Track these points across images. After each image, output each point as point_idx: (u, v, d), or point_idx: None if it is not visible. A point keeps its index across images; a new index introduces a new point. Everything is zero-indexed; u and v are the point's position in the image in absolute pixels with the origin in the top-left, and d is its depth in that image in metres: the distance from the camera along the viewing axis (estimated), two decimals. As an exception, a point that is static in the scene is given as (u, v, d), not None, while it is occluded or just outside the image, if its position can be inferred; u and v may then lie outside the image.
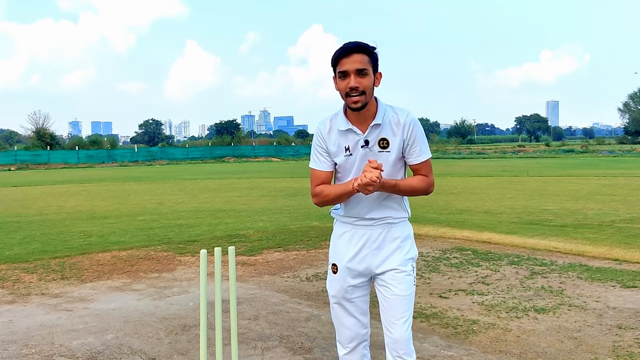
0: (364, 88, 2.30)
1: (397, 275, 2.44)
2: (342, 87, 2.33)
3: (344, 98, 2.36)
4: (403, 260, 2.46)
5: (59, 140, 64.40)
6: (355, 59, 2.29)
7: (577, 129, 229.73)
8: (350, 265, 2.49)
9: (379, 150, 2.40)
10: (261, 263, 6.67)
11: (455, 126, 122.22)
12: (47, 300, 5.20)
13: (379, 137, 2.39)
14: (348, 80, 2.30)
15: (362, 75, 2.30)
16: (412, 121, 2.40)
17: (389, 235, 2.47)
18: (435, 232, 8.55)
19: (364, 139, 2.38)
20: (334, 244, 2.60)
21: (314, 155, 2.51)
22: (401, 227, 2.50)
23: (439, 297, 5.05)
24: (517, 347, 3.80)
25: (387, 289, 2.45)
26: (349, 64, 2.30)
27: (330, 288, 2.58)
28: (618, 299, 4.86)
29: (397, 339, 2.42)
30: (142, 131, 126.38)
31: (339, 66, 2.33)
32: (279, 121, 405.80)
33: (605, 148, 59.35)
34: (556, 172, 25.00)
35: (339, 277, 2.53)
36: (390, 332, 2.44)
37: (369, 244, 2.47)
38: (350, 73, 2.30)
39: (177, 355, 3.79)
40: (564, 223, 9.33)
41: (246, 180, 23.60)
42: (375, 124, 2.37)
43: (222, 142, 67.64)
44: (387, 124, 2.39)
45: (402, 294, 2.43)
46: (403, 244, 2.49)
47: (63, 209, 13.27)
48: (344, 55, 2.31)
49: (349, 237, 2.51)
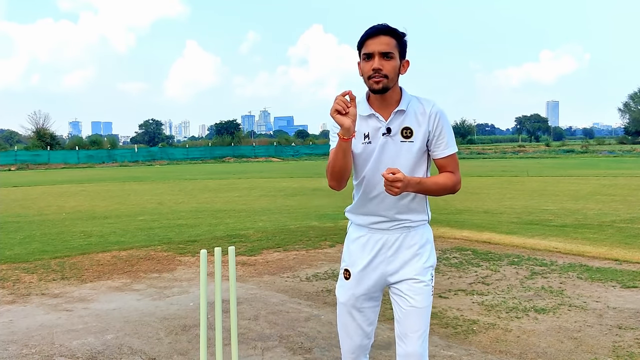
0: (387, 72, 2.17)
1: (415, 286, 2.30)
2: (366, 70, 2.20)
3: (366, 81, 2.22)
4: (422, 269, 2.31)
5: (59, 141, 64.39)
6: (382, 40, 2.17)
7: (577, 129, 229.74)
8: (365, 272, 2.35)
9: (401, 140, 2.24)
10: (261, 263, 6.67)
11: (455, 126, 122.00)
12: (47, 300, 5.20)
13: (402, 125, 2.24)
14: (372, 62, 2.17)
15: (387, 59, 2.17)
16: (440, 112, 2.26)
17: (407, 241, 2.32)
18: (435, 232, 8.45)
19: (386, 126, 2.23)
20: (347, 248, 2.44)
21: (331, 136, 2.29)
22: (420, 232, 2.35)
23: (438, 297, 5.05)
24: (517, 347, 3.80)
25: (404, 300, 2.31)
26: (375, 45, 2.17)
27: (341, 295, 2.43)
28: (618, 299, 4.86)
29: (411, 354, 2.29)
30: (142, 131, 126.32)
31: (364, 48, 2.20)
32: (279, 121, 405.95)
33: (605, 148, 59.35)
34: (556, 172, 24.99)
35: (352, 284, 2.38)
36: (404, 344, 2.31)
37: (385, 250, 2.32)
38: (375, 55, 2.17)
39: (177, 355, 3.79)
40: (564, 223, 9.33)
41: (246, 180, 23.60)
42: (399, 110, 2.23)
43: (222, 142, 67.60)
44: (412, 112, 2.25)
45: (419, 305, 2.29)
46: (422, 250, 2.33)
47: (63, 209, 13.26)
48: (371, 36, 2.18)
49: (364, 242, 2.36)
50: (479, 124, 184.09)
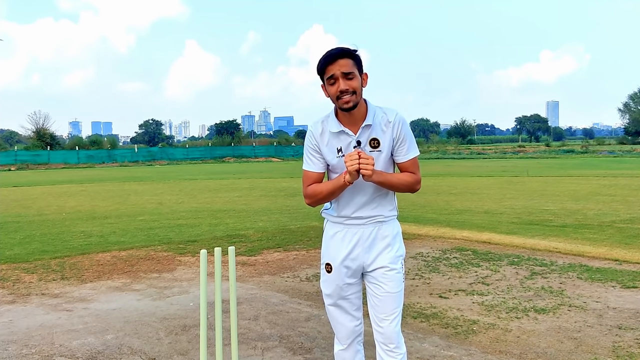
0: (354, 89, 2.38)
1: (388, 274, 2.52)
2: (333, 92, 2.41)
3: (335, 102, 2.44)
4: (393, 258, 2.54)
5: (59, 141, 64.44)
6: (341, 63, 2.37)
7: (577, 129, 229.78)
8: (345, 264, 2.58)
9: (370, 150, 2.47)
10: (261, 263, 6.67)
11: (455, 126, 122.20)
12: (47, 300, 5.20)
13: (370, 137, 2.47)
14: (337, 84, 2.38)
15: (350, 78, 2.38)
16: (401, 120, 2.49)
17: (380, 234, 2.55)
18: (435, 232, 8.55)
19: (356, 139, 2.46)
20: (326, 244, 2.70)
21: (306, 157, 2.59)
22: (391, 225, 2.58)
23: (439, 297, 5.05)
24: (517, 347, 3.80)
25: (378, 287, 2.54)
26: (335, 68, 2.38)
27: (326, 287, 2.68)
28: (618, 300, 4.86)
29: (388, 334, 2.51)
30: (142, 131, 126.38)
31: (326, 73, 2.41)
32: (279, 121, 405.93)
33: (605, 148, 59.34)
34: (556, 172, 25.00)
35: (334, 275, 2.63)
36: (380, 327, 2.53)
37: (361, 242, 2.55)
38: (338, 77, 2.38)
39: (177, 355, 3.79)
40: (564, 223, 9.33)
41: (246, 180, 23.60)
42: (366, 125, 2.45)
43: (222, 143, 67.64)
44: (378, 124, 2.47)
45: (393, 291, 2.52)
46: (393, 242, 2.56)
47: (63, 209, 13.27)
48: (329, 62, 2.39)
49: (342, 236, 2.60)
50: (479, 124, 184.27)
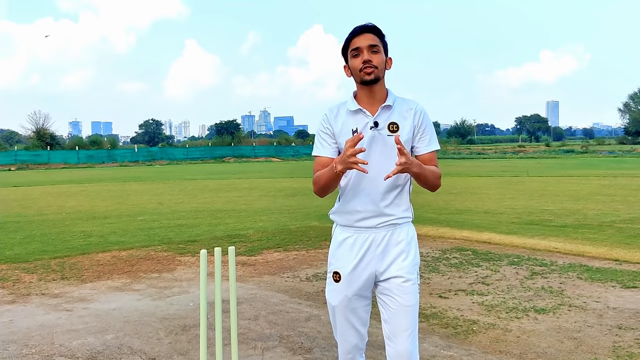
0: (377, 63, 2.30)
1: (404, 285, 2.31)
2: (356, 64, 2.32)
3: (357, 75, 2.33)
4: (409, 267, 2.34)
5: (59, 141, 64.44)
6: (368, 37, 2.31)
7: (577, 129, 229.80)
8: (355, 273, 2.36)
9: (388, 134, 2.31)
10: (261, 263, 6.67)
11: (455, 126, 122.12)
12: (47, 300, 5.20)
13: (388, 120, 2.33)
14: (362, 55, 2.30)
15: (375, 52, 2.31)
16: (423, 110, 2.39)
17: (393, 239, 2.35)
18: (435, 232, 8.54)
19: (373, 120, 2.32)
20: (334, 250, 2.44)
21: (317, 141, 2.42)
22: (405, 229, 2.38)
23: (438, 297, 5.05)
24: (517, 347, 3.80)
25: (391, 299, 2.32)
26: (361, 41, 2.31)
27: (332, 298, 2.42)
28: (618, 300, 4.86)
29: (402, 352, 2.30)
30: (142, 131, 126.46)
31: (351, 45, 2.33)
32: (279, 121, 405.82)
33: (605, 148, 59.38)
34: (556, 172, 24.99)
35: (343, 285, 2.38)
36: (394, 343, 2.31)
37: (373, 248, 2.34)
38: (364, 49, 2.30)
39: (177, 355, 3.79)
40: (564, 223, 9.33)
41: (246, 180, 23.59)
42: (386, 105, 2.33)
43: (222, 142, 67.60)
44: (398, 109, 2.36)
45: (408, 304, 2.30)
46: (408, 248, 2.36)
47: (63, 209, 13.26)
48: (357, 34, 2.32)
49: (352, 242, 2.37)
50: (479, 124, 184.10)
